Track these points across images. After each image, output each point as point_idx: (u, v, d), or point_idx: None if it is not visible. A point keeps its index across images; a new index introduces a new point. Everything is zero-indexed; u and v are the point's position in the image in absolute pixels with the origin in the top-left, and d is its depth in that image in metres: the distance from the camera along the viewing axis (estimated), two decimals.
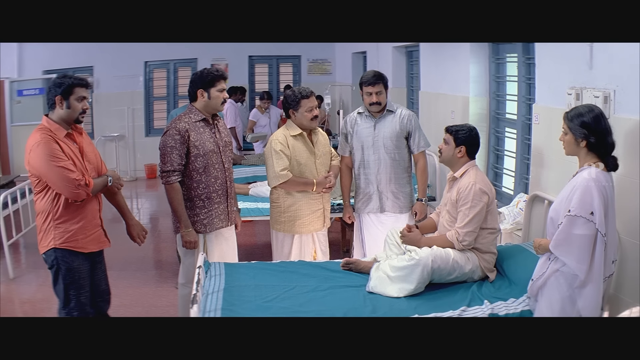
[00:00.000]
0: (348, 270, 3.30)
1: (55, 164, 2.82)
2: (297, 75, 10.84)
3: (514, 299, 2.83)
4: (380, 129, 3.88)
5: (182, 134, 3.31)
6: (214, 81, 3.38)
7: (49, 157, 2.82)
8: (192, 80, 3.44)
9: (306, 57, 10.67)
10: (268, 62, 10.75)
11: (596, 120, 2.47)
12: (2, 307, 4.48)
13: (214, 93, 3.39)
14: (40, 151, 2.83)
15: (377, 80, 3.80)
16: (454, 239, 3.07)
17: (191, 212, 3.44)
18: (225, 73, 3.49)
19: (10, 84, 8.55)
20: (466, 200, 3.07)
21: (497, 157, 4.80)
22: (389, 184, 3.92)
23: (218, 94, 3.40)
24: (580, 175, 2.48)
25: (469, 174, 3.15)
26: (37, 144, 2.84)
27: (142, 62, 9.99)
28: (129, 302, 4.59)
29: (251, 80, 10.65)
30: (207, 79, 3.38)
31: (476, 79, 4.68)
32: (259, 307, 2.78)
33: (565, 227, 2.43)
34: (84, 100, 2.96)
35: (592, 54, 3.02)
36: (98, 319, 3.04)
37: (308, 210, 3.72)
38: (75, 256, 2.99)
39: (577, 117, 2.50)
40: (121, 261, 5.79)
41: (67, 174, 2.83)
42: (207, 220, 3.46)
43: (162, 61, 10.12)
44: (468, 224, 3.05)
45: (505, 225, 3.99)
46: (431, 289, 2.99)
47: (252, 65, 10.68)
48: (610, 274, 2.56)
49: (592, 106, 2.56)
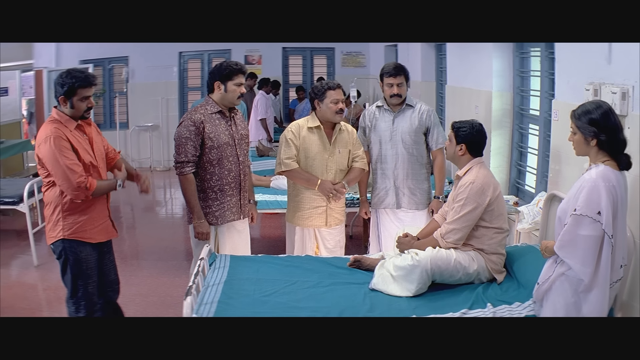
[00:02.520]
0: (356, 268, 3.23)
1: (60, 161, 2.85)
2: (331, 67, 10.78)
3: (520, 303, 2.73)
4: (399, 124, 3.80)
5: (197, 125, 3.30)
6: (231, 75, 3.35)
7: (56, 153, 2.85)
8: (211, 71, 3.42)
9: (340, 49, 10.60)
10: (302, 54, 10.73)
11: (605, 116, 2.33)
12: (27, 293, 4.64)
13: (230, 86, 3.36)
14: (49, 145, 2.86)
15: (399, 72, 3.72)
16: (438, 237, 3.00)
17: (204, 203, 3.44)
18: (244, 67, 3.43)
19: (49, 73, 8.78)
20: (461, 197, 2.98)
21: (521, 155, 4.64)
22: (406, 180, 3.84)
23: (235, 88, 3.37)
24: (589, 173, 2.35)
25: (471, 172, 3.04)
26: (47, 138, 2.87)
27: (177, 53, 10.12)
28: (146, 291, 4.64)
29: (285, 72, 10.65)
30: (225, 72, 3.35)
31: (500, 73, 4.53)
32: (255, 301, 2.77)
33: (570, 227, 2.31)
34: (88, 99, 2.97)
35: (611, 48, 2.86)
36: (90, 320, 3.03)
37: (308, 206, 3.68)
38: (83, 247, 3.03)
39: (584, 114, 2.37)
40: (145, 250, 5.90)
41: (69, 174, 2.85)
42: (219, 212, 3.46)
43: (196, 52, 10.21)
44: (455, 221, 2.96)
45: (524, 224, 3.86)
46: (435, 290, 2.91)
47: (286, 57, 10.67)
48: (617, 279, 2.42)
49: (600, 102, 2.42)
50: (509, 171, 4.73)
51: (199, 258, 3.10)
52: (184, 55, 10.25)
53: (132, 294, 4.62)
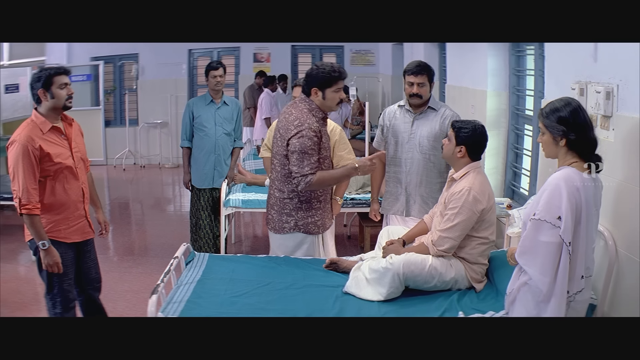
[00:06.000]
0: (332, 270, 3.17)
1: (21, 175, 2.86)
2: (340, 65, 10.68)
3: (494, 313, 2.61)
4: (419, 126, 3.54)
5: (317, 135, 3.11)
6: (331, 82, 3.10)
7: (20, 164, 2.86)
8: (309, 74, 3.15)
9: (349, 47, 10.53)
10: (311, 51, 10.67)
11: (574, 114, 2.21)
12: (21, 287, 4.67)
13: (329, 94, 3.12)
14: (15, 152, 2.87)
15: (421, 71, 3.45)
16: (429, 243, 2.87)
17: (306, 213, 3.26)
18: (344, 73, 3.15)
19: None
20: (455, 205, 2.82)
21: (517, 156, 4.53)
22: (419, 187, 3.57)
23: (334, 95, 3.13)
24: (552, 175, 2.23)
25: (468, 177, 2.89)
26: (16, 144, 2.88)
27: (186, 50, 10.16)
28: (137, 287, 4.66)
29: (294, 69, 10.61)
30: (324, 79, 3.10)
31: (495, 72, 4.41)
32: (224, 302, 2.73)
33: (529, 232, 2.20)
34: (66, 86, 2.99)
35: (597, 46, 2.75)
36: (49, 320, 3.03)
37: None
38: (58, 245, 3.02)
39: (552, 112, 2.24)
40: (142, 247, 5.92)
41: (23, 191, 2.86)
42: (321, 221, 3.31)
43: (205, 49, 10.24)
44: (449, 230, 2.82)
45: (514, 228, 3.74)
46: (409, 295, 2.82)
47: (295, 55, 10.63)
48: (578, 291, 2.25)
49: (568, 99, 2.28)
50: (504, 173, 4.62)
51: (174, 257, 3.08)
52: (193, 53, 10.28)
53: (123, 290, 4.63)
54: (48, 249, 2.93)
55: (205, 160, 4.72)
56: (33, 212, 2.88)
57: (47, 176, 2.95)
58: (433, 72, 3.53)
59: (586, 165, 2.23)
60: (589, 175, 2.21)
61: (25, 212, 2.87)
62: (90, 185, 3.28)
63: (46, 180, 2.95)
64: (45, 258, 2.94)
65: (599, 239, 2.63)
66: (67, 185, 3.03)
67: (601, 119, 2.72)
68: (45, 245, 2.93)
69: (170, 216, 7.57)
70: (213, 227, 4.78)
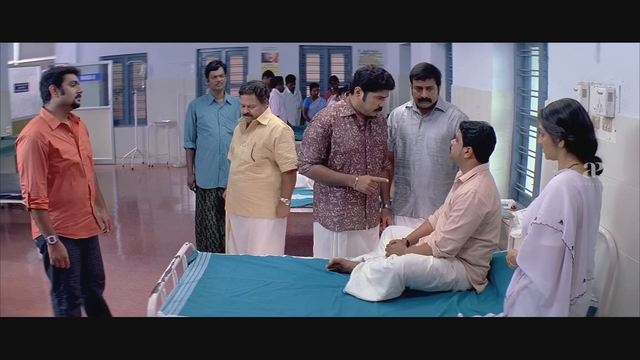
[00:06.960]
0: (335, 271, 3.16)
1: (30, 170, 2.90)
2: (349, 65, 10.70)
3: (493, 315, 2.61)
4: (427, 128, 3.51)
5: (325, 127, 3.23)
6: (375, 88, 3.17)
7: (29, 160, 2.90)
8: (359, 72, 3.22)
9: (357, 47, 10.51)
10: (319, 52, 10.68)
11: (574, 115, 2.20)
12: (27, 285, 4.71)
13: (370, 97, 3.19)
14: (24, 148, 2.92)
15: (429, 75, 3.42)
16: (432, 244, 2.87)
17: (325, 206, 3.36)
18: (391, 83, 3.20)
19: None
20: (460, 207, 2.81)
21: (521, 157, 4.51)
22: (427, 189, 3.54)
23: (375, 100, 3.20)
24: (554, 178, 2.21)
25: (475, 179, 2.86)
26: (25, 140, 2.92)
27: (195, 50, 10.20)
28: (142, 286, 4.67)
29: (302, 70, 10.63)
30: (370, 82, 3.17)
31: (500, 73, 4.39)
32: (224, 301, 2.75)
33: (531, 237, 2.19)
34: (76, 84, 3.05)
35: (600, 46, 2.73)
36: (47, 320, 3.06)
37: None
38: (65, 242, 3.05)
39: (552, 114, 2.24)
40: (149, 247, 5.95)
41: (32, 185, 2.89)
42: (338, 218, 3.34)
43: (213, 49, 10.27)
44: (453, 232, 2.80)
45: (518, 230, 3.74)
46: (409, 296, 2.81)
47: (303, 55, 10.65)
48: (579, 295, 2.25)
49: (569, 100, 2.28)
50: (509, 174, 4.60)
51: (175, 256, 3.10)
52: (201, 53, 10.32)
53: (129, 289, 4.66)
54: (56, 243, 2.96)
55: (210, 160, 4.73)
56: (42, 206, 2.92)
57: (55, 173, 2.99)
58: (440, 74, 3.51)
59: (586, 165, 2.22)
60: (589, 177, 2.20)
61: (34, 206, 2.90)
62: (95, 184, 3.31)
63: (54, 178, 2.99)
64: (53, 253, 2.97)
65: (600, 241, 2.61)
66: (74, 182, 3.07)
67: (603, 121, 2.71)
68: (54, 240, 2.96)
69: (178, 215, 7.59)
70: (219, 227, 4.79)
